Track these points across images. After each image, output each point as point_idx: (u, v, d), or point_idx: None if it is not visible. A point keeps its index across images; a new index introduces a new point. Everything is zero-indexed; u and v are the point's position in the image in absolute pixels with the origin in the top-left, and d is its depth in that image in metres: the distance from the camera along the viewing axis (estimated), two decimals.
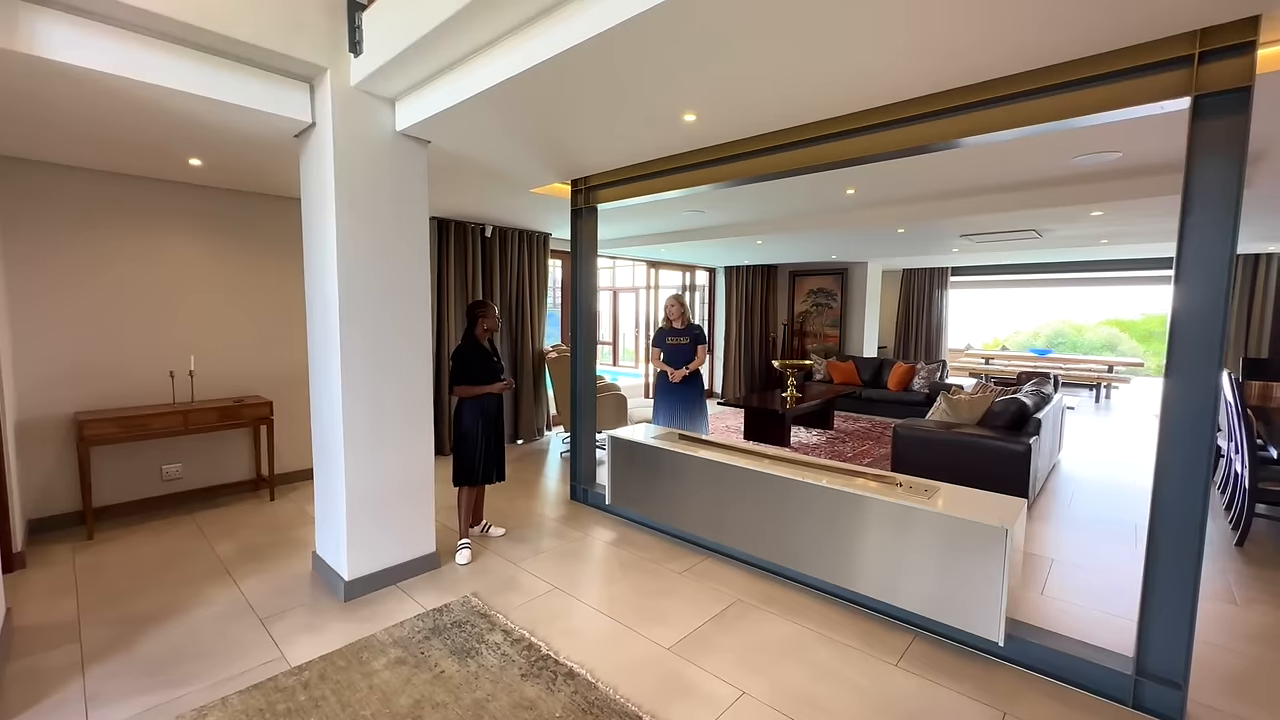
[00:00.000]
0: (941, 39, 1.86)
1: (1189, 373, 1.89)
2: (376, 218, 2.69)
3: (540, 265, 5.98)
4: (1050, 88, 2.06)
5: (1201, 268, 1.86)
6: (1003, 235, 5.11)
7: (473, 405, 3.18)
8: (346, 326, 2.62)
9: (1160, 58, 1.85)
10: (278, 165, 3.37)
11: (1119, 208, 3.85)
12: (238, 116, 2.53)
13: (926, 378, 7.52)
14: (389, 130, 2.72)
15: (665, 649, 2.34)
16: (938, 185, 3.86)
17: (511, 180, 3.72)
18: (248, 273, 4.15)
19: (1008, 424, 4.28)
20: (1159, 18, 1.73)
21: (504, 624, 2.49)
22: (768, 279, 9.52)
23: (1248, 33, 1.73)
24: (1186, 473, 1.92)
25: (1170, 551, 1.96)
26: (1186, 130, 1.91)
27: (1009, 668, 2.23)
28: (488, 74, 2.24)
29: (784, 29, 1.80)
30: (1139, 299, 16.07)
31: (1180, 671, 1.95)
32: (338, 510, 2.74)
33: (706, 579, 2.96)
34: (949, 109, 2.26)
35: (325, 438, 2.81)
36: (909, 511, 2.41)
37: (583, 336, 4.10)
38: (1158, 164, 3.18)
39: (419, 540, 2.98)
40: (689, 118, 2.51)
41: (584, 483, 4.11)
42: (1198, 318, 1.87)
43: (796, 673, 2.20)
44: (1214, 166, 1.83)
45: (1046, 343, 17.07)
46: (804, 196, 4.18)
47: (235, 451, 4.17)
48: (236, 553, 3.20)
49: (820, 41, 1.88)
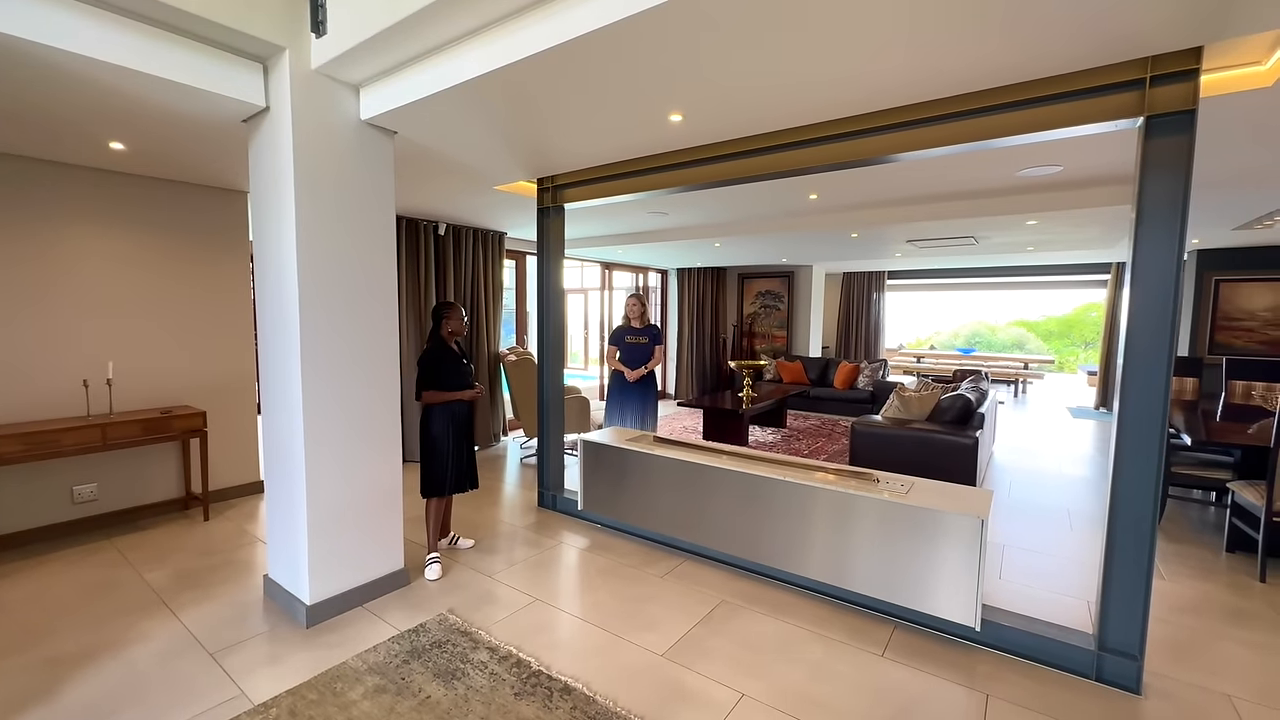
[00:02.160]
0: (918, 56, 1.94)
1: (1143, 370, 2.06)
2: (340, 212, 2.50)
3: (495, 265, 5.80)
4: (1016, 103, 2.19)
5: (1153, 273, 2.03)
6: (944, 241, 5.43)
7: (442, 411, 3.02)
8: (309, 329, 2.41)
9: (1116, 80, 2.01)
10: (215, 152, 3.07)
11: (1052, 217, 4.17)
12: (175, 96, 2.27)
13: (870, 376, 7.88)
14: (353, 119, 2.54)
15: (659, 656, 2.31)
16: (893, 193, 4.05)
17: (477, 177, 3.57)
18: (176, 270, 3.76)
19: (954, 419, 4.55)
20: (1114, 44, 1.87)
21: (488, 641, 2.38)
22: (717, 281, 9.68)
23: (1192, 61, 1.91)
24: (1141, 464, 2.09)
25: (1127, 536, 2.12)
26: (1135, 148, 2.09)
27: (985, 651, 2.35)
28: (468, 65, 2.13)
29: (775, 36, 1.81)
30: (1041, 302, 17.77)
31: (1137, 645, 2.11)
32: (296, 528, 2.52)
33: (688, 581, 2.95)
34: (920, 120, 2.36)
35: (280, 449, 2.58)
36: (888, 506, 2.49)
37: (550, 340, 4.00)
38: (1091, 178, 3.47)
39: (387, 556, 2.79)
40: (675, 118, 2.49)
41: (552, 489, 4.00)
42: (1150, 319, 2.04)
43: (792, 671, 2.23)
44: (1163, 181, 2.00)
45: (965, 342, 18.42)
46: (768, 200, 4.27)
47: (160, 468, 3.77)
48: (171, 580, 2.88)
49: (806, 50, 1.90)
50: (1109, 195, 3.60)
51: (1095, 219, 4.25)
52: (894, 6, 1.66)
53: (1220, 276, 6.45)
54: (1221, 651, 2.38)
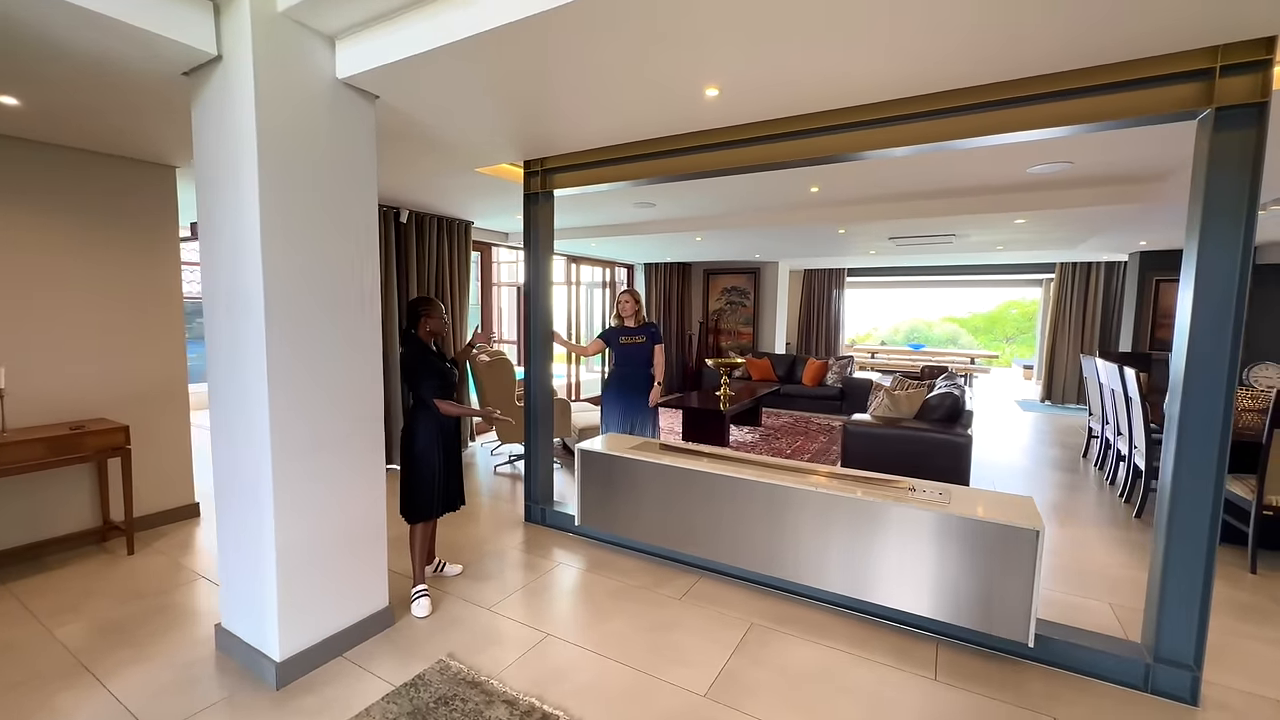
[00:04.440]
0: (972, 37, 1.77)
1: (1205, 373, 1.99)
2: (314, 191, 2.08)
3: (462, 256, 5.34)
4: (1072, 90, 2.08)
5: (1218, 273, 1.95)
6: (923, 238, 5.45)
7: (428, 422, 2.63)
8: (276, 331, 1.99)
9: (1183, 69, 1.92)
10: (142, 115, 2.54)
11: (1043, 216, 4.21)
12: (93, 32, 1.78)
13: (839, 373, 7.92)
14: (328, 76, 2.11)
15: (701, 696, 2.06)
16: (892, 187, 3.95)
17: (459, 156, 3.17)
18: (88, 259, 3.13)
19: (943, 417, 4.54)
20: (1180, 31, 1.77)
21: (502, 691, 2.05)
22: (683, 277, 9.51)
23: (1264, 51, 1.83)
24: (1199, 467, 2.02)
25: (1184, 544, 2.05)
26: (1197, 142, 2.02)
27: (1035, 668, 2.25)
28: (477, 15, 1.79)
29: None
30: (968, 299, 18.92)
31: (1193, 655, 2.05)
32: (261, 566, 2.09)
33: (709, 603, 2.71)
34: (974, 105, 2.21)
35: (237, 473, 2.14)
36: (934, 518, 2.35)
37: (537, 338, 3.65)
38: (1090, 178, 3.48)
39: (370, 594, 2.39)
40: (711, 92, 2.22)
41: (541, 502, 3.67)
42: (1213, 320, 1.97)
43: (845, 704, 2.03)
44: (1230, 177, 1.92)
45: (905, 338, 19.30)
46: (769, 191, 4.08)
47: (69, 494, 3.15)
48: (92, 636, 2.36)
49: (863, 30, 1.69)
50: (1102, 195, 3.63)
51: (1078, 218, 4.34)
52: None
53: (1160, 277, 6.87)
54: (1249, 651, 2.38)
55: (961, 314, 19.44)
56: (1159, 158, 3.12)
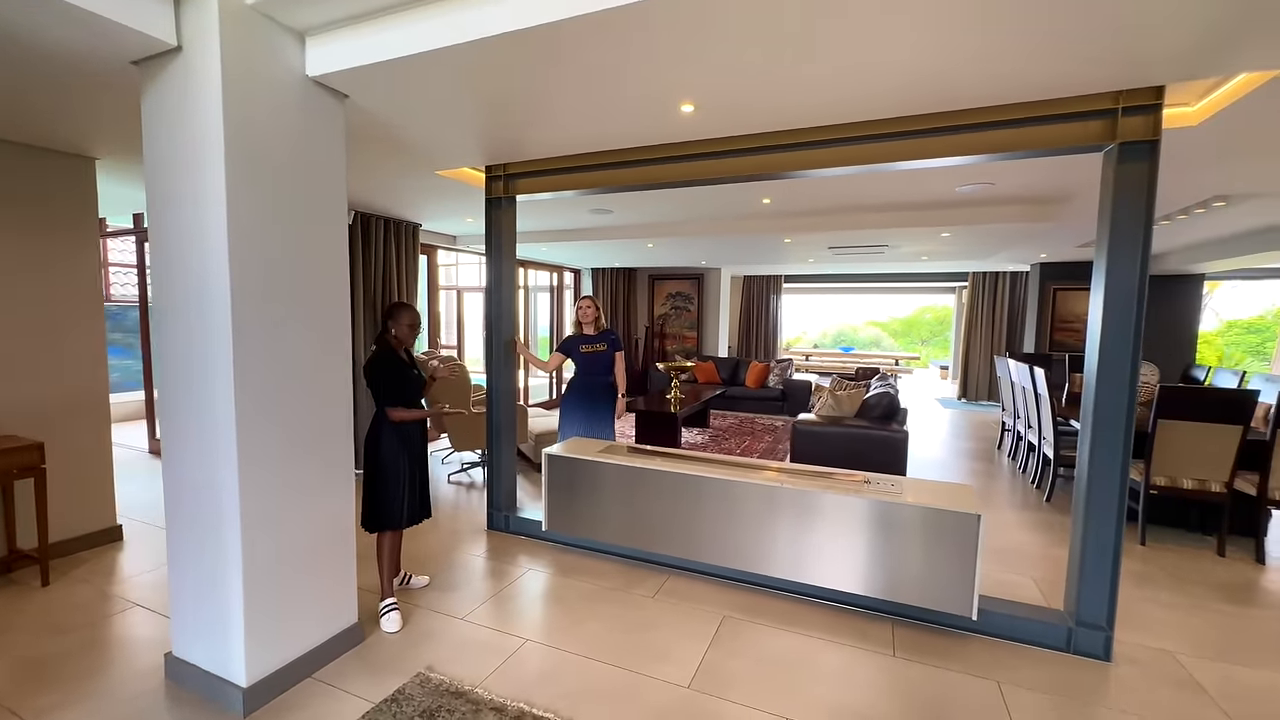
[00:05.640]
0: (922, 67, 1.98)
1: (1112, 372, 2.29)
2: (283, 193, 1.99)
3: (410, 259, 5.18)
4: (999, 122, 2.34)
5: (1122, 285, 2.25)
6: (859, 248, 5.83)
7: (393, 430, 2.57)
8: (243, 330, 1.89)
9: (1092, 108, 2.21)
10: (68, 103, 2.33)
11: (964, 230, 4.63)
12: (45, 19, 1.65)
13: (780, 375, 8.28)
14: (297, 73, 2.04)
15: (685, 689, 2.14)
16: (834, 201, 4.23)
17: (422, 157, 3.10)
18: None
19: (882, 414, 4.88)
20: (1091, 77, 2.04)
21: (488, 699, 2.03)
22: (629, 282, 9.62)
23: (1155, 97, 2.15)
24: (1109, 454, 2.32)
25: (1097, 523, 2.35)
26: (1102, 172, 2.33)
27: (979, 639, 2.49)
28: (454, 27, 1.80)
29: (824, 24, 1.74)
30: (888, 305, 20.35)
31: (1106, 617, 2.36)
32: (224, 585, 1.97)
33: (681, 599, 2.80)
34: (918, 130, 2.44)
35: (193, 490, 2.00)
36: (888, 507, 2.55)
37: (499, 345, 3.62)
38: (1007, 197, 3.88)
39: (339, 610, 2.30)
40: (686, 109, 2.32)
41: (505, 509, 3.63)
42: (1118, 326, 2.27)
43: (821, 685, 2.17)
44: (1130, 203, 2.23)
45: (833, 342, 20.38)
46: (722, 202, 4.24)
47: None
48: (8, 678, 2.13)
49: (831, 53, 1.86)
50: (1018, 213, 4.06)
51: (995, 233, 4.80)
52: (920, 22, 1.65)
53: (1058, 286, 7.68)
54: (1146, 613, 2.75)
55: (883, 318, 20.82)
56: (1066, 182, 3.54)
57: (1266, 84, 2.10)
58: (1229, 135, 2.62)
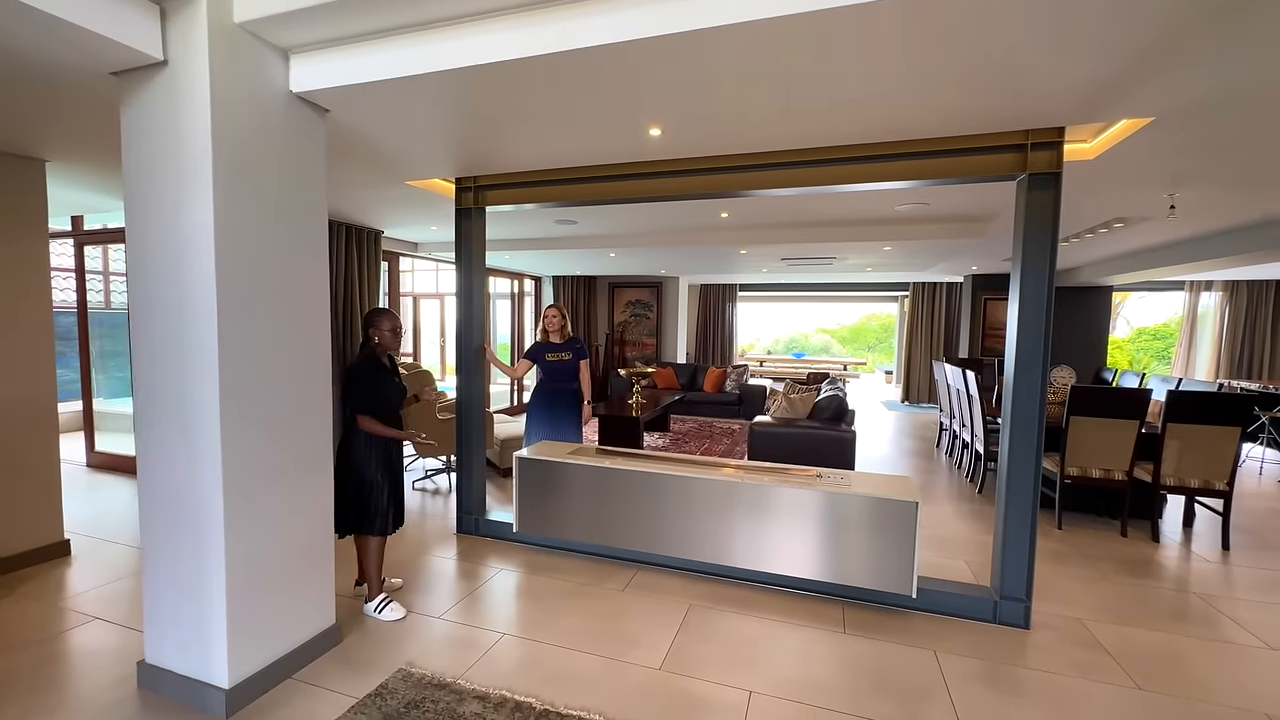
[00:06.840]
0: (868, 103, 2.25)
1: (1026, 373, 2.61)
2: (268, 204, 2.06)
3: (372, 266, 5.17)
4: (931, 152, 2.64)
5: (1033, 296, 2.58)
6: (810, 259, 6.19)
7: (367, 436, 2.63)
8: (230, 348, 1.94)
9: (1009, 143, 2.54)
10: (26, 107, 2.31)
11: (904, 244, 5.02)
12: (30, 33, 1.68)
13: (736, 380, 8.59)
14: (281, 88, 2.11)
15: (658, 670, 2.29)
16: (787, 216, 4.52)
17: (394, 168, 3.18)
18: None
19: (832, 415, 5.20)
20: (1005, 116, 2.35)
21: (471, 689, 2.13)
22: (589, 289, 9.76)
23: (1057, 135, 2.49)
24: (1024, 445, 2.64)
25: (1016, 507, 2.66)
26: (1017, 200, 2.66)
27: (919, 615, 2.76)
28: (435, 54, 1.94)
29: (787, 60, 1.96)
30: (836, 313, 21.29)
31: (1025, 590, 2.67)
32: (206, 589, 1.99)
33: (650, 592, 2.96)
34: (862, 157, 2.71)
35: (174, 497, 2.02)
36: (837, 499, 2.79)
37: (469, 353, 3.70)
38: (940, 216, 4.27)
39: (318, 612, 2.34)
40: (654, 131, 2.51)
41: (475, 512, 3.70)
42: (1029, 332, 2.60)
43: (781, 661, 2.38)
44: (1039, 226, 2.56)
45: (785, 348, 21.08)
46: (684, 214, 4.46)
47: None
48: None
49: (797, 93, 2.09)
50: (950, 230, 4.47)
51: (930, 247, 5.23)
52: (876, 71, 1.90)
53: (988, 296, 8.32)
54: (1062, 586, 3.10)
55: (832, 326, 21.73)
56: (990, 203, 3.94)
57: (1143, 129, 2.47)
58: (1118, 168, 3.03)
